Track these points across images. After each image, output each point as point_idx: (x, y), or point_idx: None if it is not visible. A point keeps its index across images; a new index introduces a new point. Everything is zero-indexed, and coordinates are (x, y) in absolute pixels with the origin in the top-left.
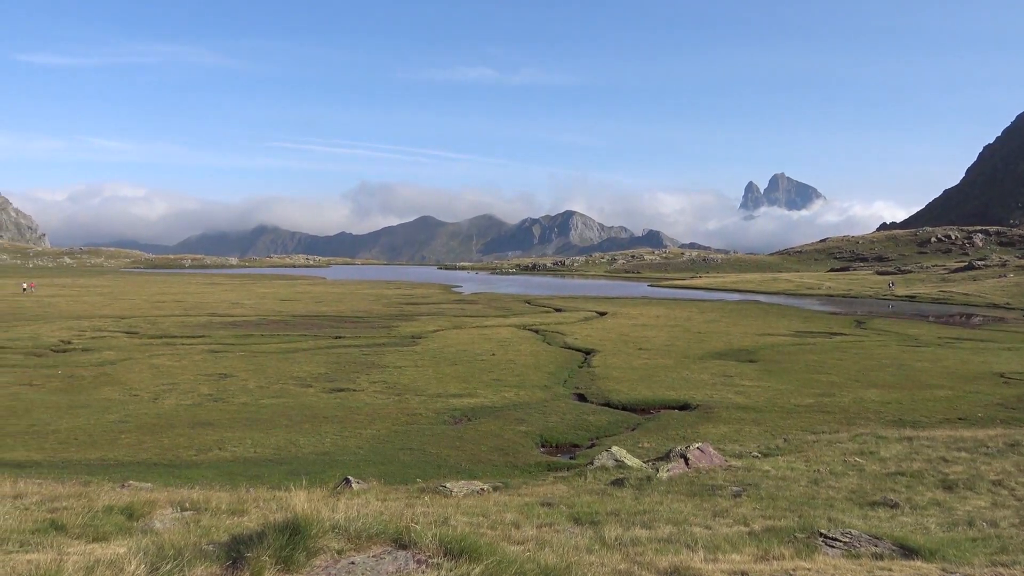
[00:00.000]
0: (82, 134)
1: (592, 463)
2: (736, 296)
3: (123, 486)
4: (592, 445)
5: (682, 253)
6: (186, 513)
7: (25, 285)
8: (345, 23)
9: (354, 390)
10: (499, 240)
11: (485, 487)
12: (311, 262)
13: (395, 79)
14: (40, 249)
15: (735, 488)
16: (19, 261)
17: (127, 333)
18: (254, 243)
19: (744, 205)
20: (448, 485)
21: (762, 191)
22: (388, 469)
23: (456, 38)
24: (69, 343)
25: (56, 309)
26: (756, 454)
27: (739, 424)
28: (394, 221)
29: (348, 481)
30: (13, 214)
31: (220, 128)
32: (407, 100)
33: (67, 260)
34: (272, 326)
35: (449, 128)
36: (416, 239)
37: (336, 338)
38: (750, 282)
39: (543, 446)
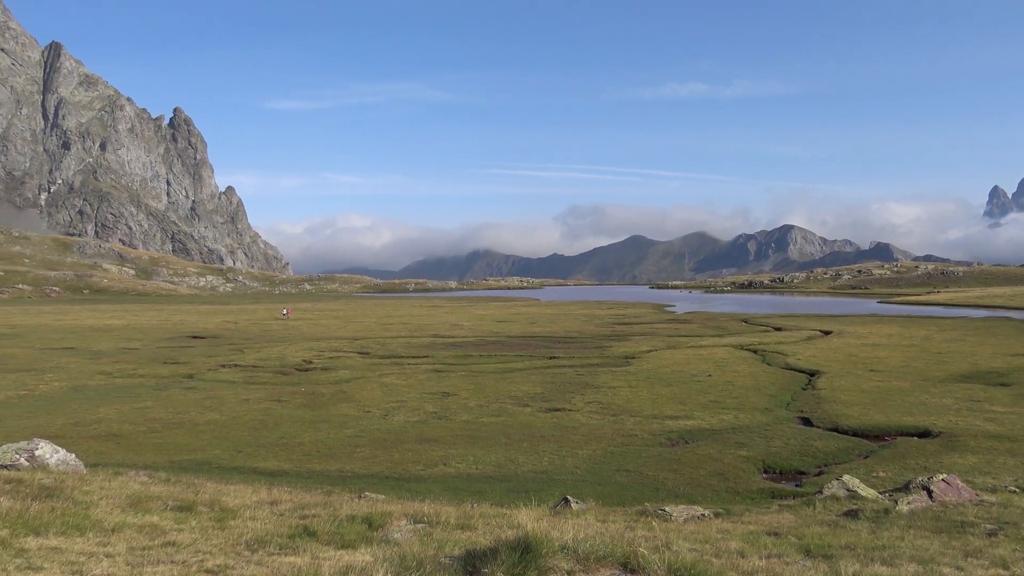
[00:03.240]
0: (319, 171)
1: (821, 492)
2: (982, 312)
3: (360, 497)
4: (820, 473)
5: (916, 266)
6: (419, 525)
7: (284, 311)
8: (553, 50)
9: (569, 410)
10: (712, 258)
11: (706, 513)
12: (525, 284)
13: (603, 100)
14: (284, 277)
15: (989, 526)
16: (267, 288)
17: (360, 353)
18: (471, 267)
19: (989, 212)
20: (667, 509)
21: (1010, 196)
22: (605, 490)
23: (665, 55)
24: (310, 363)
25: (298, 332)
26: (1013, 488)
27: (990, 455)
28: (604, 241)
29: (567, 501)
30: (262, 246)
31: (438, 158)
32: (616, 120)
33: (307, 286)
34: (490, 347)
35: (659, 145)
36: (627, 259)
37: (551, 358)
38: (999, 296)
39: (765, 472)
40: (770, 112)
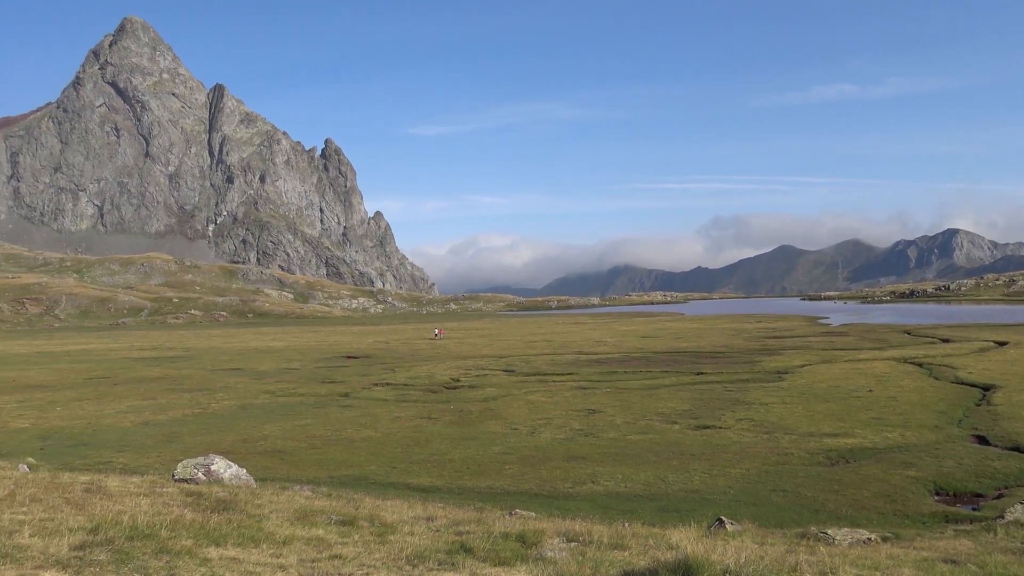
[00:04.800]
0: (461, 192)
1: (1002, 516)
2: None
3: (511, 514)
4: (999, 496)
5: None
6: (572, 544)
7: (436, 331)
8: (692, 61)
9: (720, 427)
10: (868, 266)
11: (872, 537)
12: (668, 298)
13: (746, 107)
14: (431, 297)
15: None
16: (415, 308)
17: (505, 371)
18: (612, 282)
19: None
20: (829, 532)
21: None
22: (760, 511)
23: (809, 57)
24: (458, 381)
25: (446, 350)
26: None
27: None
28: (750, 253)
29: (721, 521)
30: (409, 267)
31: (575, 175)
32: (759, 128)
33: (452, 306)
34: (635, 363)
35: (805, 151)
36: (775, 270)
37: (698, 374)
38: None
39: (937, 494)
40: (928, 109)
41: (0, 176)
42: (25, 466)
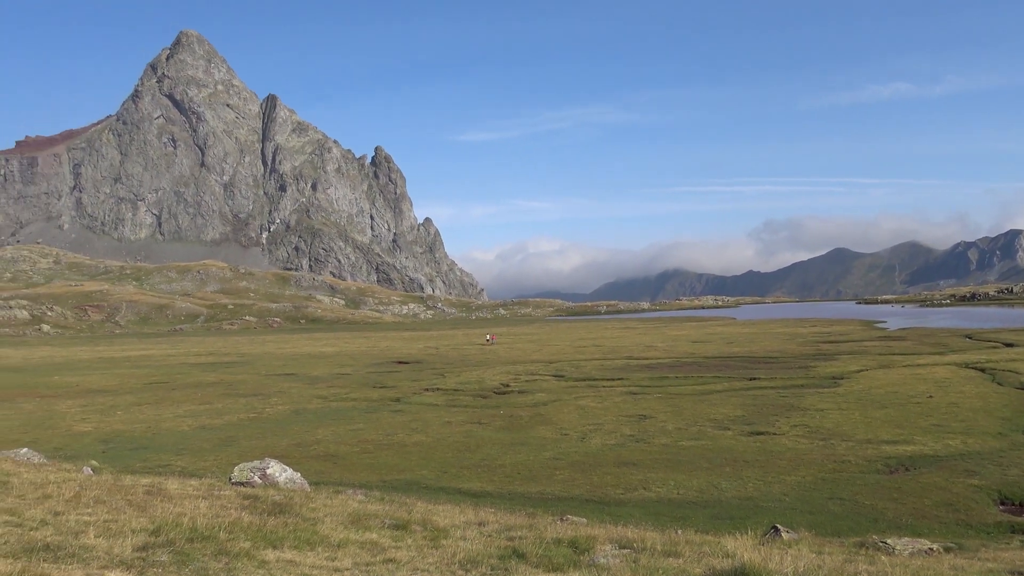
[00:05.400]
0: (508, 198)
1: None
2: None
3: (562, 519)
4: None
5: None
6: (624, 551)
7: (488, 337)
8: (743, 62)
9: (774, 434)
10: (926, 269)
11: (934, 547)
12: (719, 303)
13: (797, 109)
14: (480, 303)
15: None
16: (464, 314)
17: (555, 376)
18: (662, 287)
19: None
20: (889, 542)
21: None
22: (817, 519)
23: (862, 56)
24: (507, 386)
25: (495, 355)
26: None
27: None
28: (803, 256)
29: (776, 529)
30: (458, 273)
31: (624, 179)
32: (811, 129)
33: (501, 311)
34: (686, 368)
35: (860, 152)
36: (829, 273)
37: (751, 379)
38: None
39: (1003, 503)
40: (988, 107)
41: (64, 187)
42: (89, 468)
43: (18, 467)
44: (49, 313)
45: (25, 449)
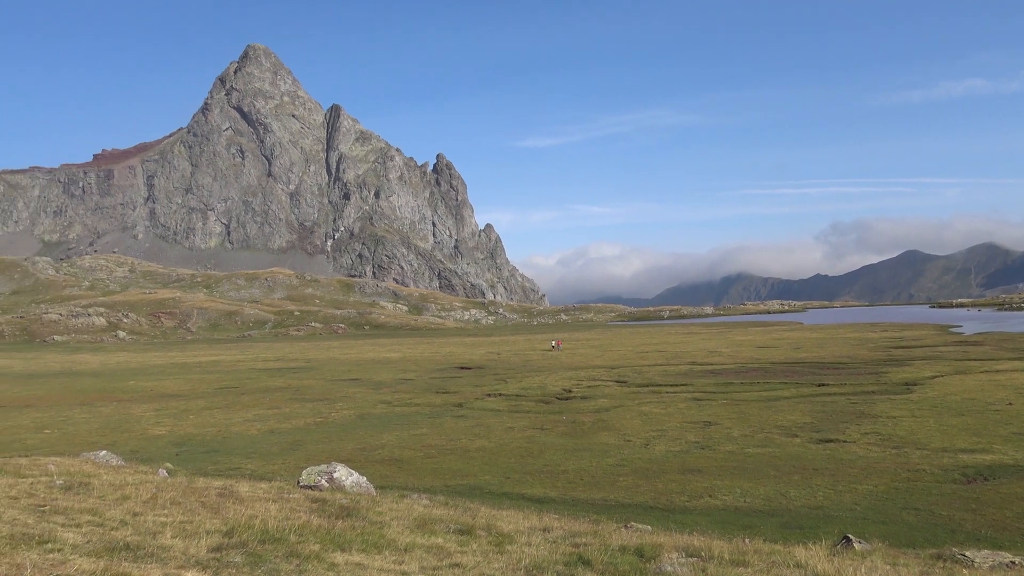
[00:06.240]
0: (569, 203)
1: None
2: None
3: (626, 527)
4: None
5: None
6: (691, 559)
7: (553, 343)
8: (808, 61)
9: (844, 441)
10: (1005, 271)
11: (1016, 560)
12: (785, 307)
13: (865, 108)
14: (541, 308)
15: None
16: (526, 319)
17: (617, 382)
18: (726, 291)
19: None
20: (968, 554)
21: None
22: (890, 529)
23: (933, 53)
24: (570, 391)
25: (557, 361)
26: None
27: None
28: (873, 259)
29: (848, 540)
30: (519, 279)
31: (686, 183)
32: (880, 128)
33: (563, 317)
34: (751, 374)
35: (932, 151)
36: (900, 276)
37: (819, 385)
38: None
39: None
40: None
41: (138, 198)
42: (164, 471)
43: (98, 469)
44: (125, 320)
45: (104, 451)
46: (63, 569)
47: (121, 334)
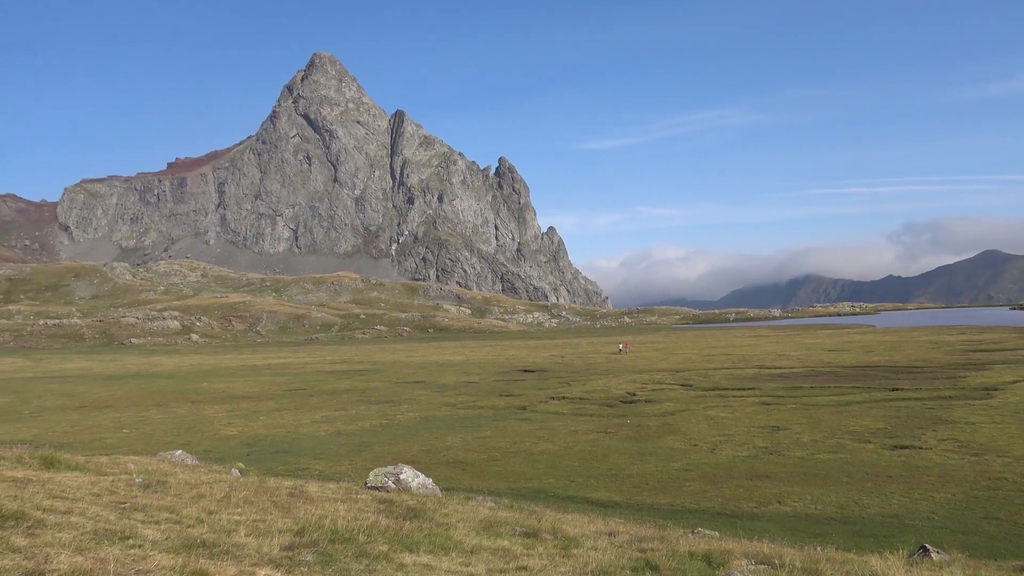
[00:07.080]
0: (632, 205)
1: None
2: None
3: (693, 532)
4: None
5: None
6: (761, 567)
7: (621, 346)
8: (874, 57)
9: (919, 448)
10: None
11: None
12: (857, 309)
13: (939, 103)
14: (604, 311)
15: None
16: (589, 322)
17: (682, 385)
18: (794, 293)
19: None
20: None
21: None
22: (970, 539)
23: (1010, 45)
24: (634, 395)
25: (620, 364)
26: None
27: None
28: (949, 259)
29: (925, 550)
30: (582, 282)
31: (751, 183)
32: (956, 123)
33: (626, 319)
34: (821, 378)
35: (1012, 147)
36: (978, 277)
37: (893, 390)
38: None
39: None
40: None
41: (210, 205)
42: (236, 470)
43: (174, 468)
44: (197, 323)
45: (179, 451)
46: (144, 564)
47: (194, 337)
